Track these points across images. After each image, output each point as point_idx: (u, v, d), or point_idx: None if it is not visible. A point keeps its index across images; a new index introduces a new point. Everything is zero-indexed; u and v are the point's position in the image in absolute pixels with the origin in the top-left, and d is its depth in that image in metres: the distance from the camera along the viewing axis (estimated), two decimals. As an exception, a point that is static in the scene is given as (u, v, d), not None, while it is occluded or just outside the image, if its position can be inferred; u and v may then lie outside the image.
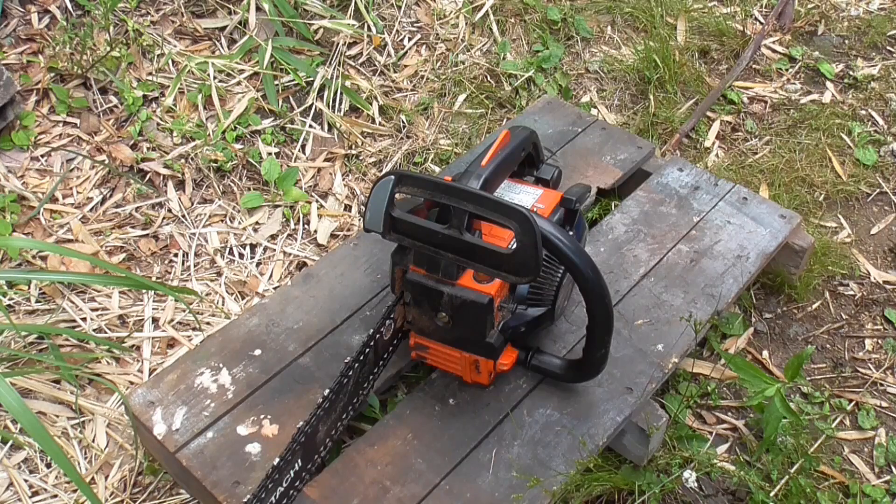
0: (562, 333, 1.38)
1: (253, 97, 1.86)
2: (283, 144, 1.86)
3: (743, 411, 1.55)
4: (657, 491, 1.34)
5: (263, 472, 1.13)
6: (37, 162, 1.73)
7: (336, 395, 1.13)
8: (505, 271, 1.09)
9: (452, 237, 1.11)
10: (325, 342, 1.35)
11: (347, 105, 1.93)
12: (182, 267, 1.65)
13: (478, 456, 1.22)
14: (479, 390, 1.29)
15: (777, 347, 1.65)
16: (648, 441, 1.33)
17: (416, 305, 1.20)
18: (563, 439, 1.25)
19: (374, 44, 2.02)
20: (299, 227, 1.75)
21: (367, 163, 1.87)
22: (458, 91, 2.00)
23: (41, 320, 1.50)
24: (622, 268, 1.51)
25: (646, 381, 1.33)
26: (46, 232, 1.65)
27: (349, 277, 1.45)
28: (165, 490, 1.35)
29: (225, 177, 1.79)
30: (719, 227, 1.59)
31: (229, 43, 1.95)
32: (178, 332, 1.54)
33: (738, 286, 1.50)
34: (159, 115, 1.81)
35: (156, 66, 1.87)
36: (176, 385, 1.28)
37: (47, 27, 1.86)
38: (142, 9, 1.93)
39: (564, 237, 1.11)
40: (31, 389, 1.42)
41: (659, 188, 1.67)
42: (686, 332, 1.39)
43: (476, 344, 1.20)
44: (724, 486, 1.43)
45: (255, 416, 1.24)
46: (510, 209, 1.06)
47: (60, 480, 1.34)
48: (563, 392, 1.30)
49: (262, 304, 1.41)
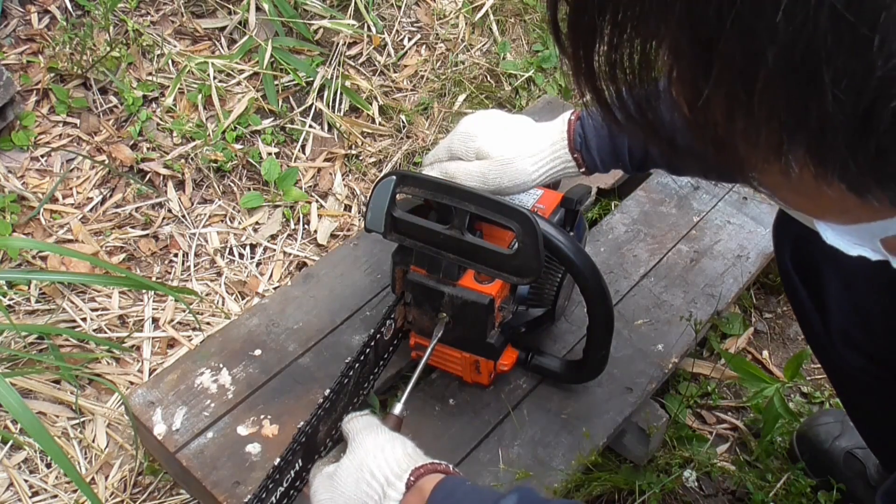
0: (562, 333, 1.39)
1: (253, 97, 1.86)
2: (283, 144, 1.86)
3: (743, 411, 1.55)
4: (657, 491, 1.34)
5: (264, 472, 1.13)
6: (37, 162, 1.73)
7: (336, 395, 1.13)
8: (506, 272, 1.09)
9: (454, 238, 1.11)
10: (325, 342, 1.35)
11: (347, 105, 1.93)
12: (182, 267, 1.65)
13: (478, 456, 1.22)
14: (479, 390, 1.29)
15: (777, 347, 1.65)
16: (648, 441, 1.34)
17: (416, 306, 1.20)
18: (563, 439, 1.25)
19: (374, 44, 2.03)
20: (299, 227, 1.75)
21: (367, 163, 1.87)
22: (458, 91, 2.01)
23: (41, 320, 1.50)
24: (622, 268, 1.51)
25: (646, 381, 1.33)
26: (46, 232, 1.65)
27: (349, 277, 1.45)
28: (165, 490, 1.35)
29: (225, 177, 1.79)
30: (719, 227, 1.59)
31: (229, 43, 1.95)
32: (178, 332, 1.54)
33: (738, 286, 1.50)
34: (159, 116, 1.81)
35: (156, 67, 1.87)
36: (176, 385, 1.28)
37: (47, 27, 1.86)
38: (142, 9, 1.93)
39: (565, 238, 1.11)
40: (31, 389, 1.42)
41: (659, 188, 1.67)
42: (686, 332, 1.40)
43: (477, 344, 1.21)
44: (724, 486, 1.43)
45: (256, 416, 1.24)
46: (511, 210, 1.06)
47: (60, 480, 1.34)
48: (564, 392, 1.30)
49: (262, 304, 1.41)
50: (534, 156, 1.14)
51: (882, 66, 0.36)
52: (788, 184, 0.46)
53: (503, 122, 1.18)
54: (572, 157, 1.14)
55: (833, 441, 1.41)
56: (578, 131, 1.12)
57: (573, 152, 1.13)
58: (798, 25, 0.36)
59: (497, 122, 1.18)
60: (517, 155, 1.14)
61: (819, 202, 0.49)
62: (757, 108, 0.40)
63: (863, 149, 0.39)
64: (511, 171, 1.14)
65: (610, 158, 1.13)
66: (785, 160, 0.42)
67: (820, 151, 0.41)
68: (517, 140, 1.15)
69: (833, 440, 1.41)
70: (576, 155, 1.13)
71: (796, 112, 0.39)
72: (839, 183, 0.42)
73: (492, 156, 1.15)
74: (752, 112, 0.40)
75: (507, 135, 1.16)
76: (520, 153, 1.14)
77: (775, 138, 0.41)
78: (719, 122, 0.42)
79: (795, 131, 0.40)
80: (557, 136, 1.14)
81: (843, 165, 0.41)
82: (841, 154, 0.40)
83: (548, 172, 1.15)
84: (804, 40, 0.36)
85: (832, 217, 0.52)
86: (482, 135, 1.16)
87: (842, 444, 1.40)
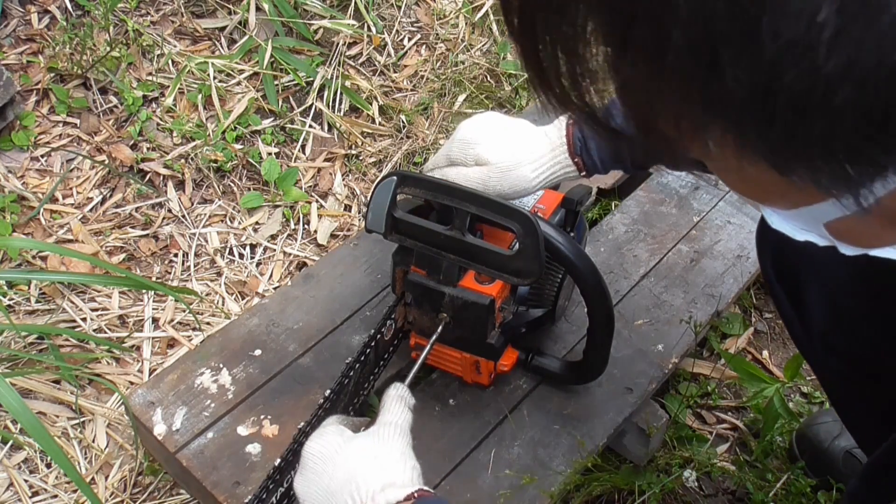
0: (562, 334, 1.39)
1: (253, 97, 1.86)
2: (283, 144, 1.86)
3: (743, 411, 1.55)
4: (657, 491, 1.34)
5: (264, 472, 1.13)
6: (37, 162, 1.73)
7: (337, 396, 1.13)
8: (507, 273, 1.09)
9: (454, 238, 1.11)
10: (325, 342, 1.35)
11: (347, 105, 1.93)
12: (182, 267, 1.65)
13: (478, 457, 1.22)
14: (479, 391, 1.29)
15: (777, 347, 1.65)
16: (648, 441, 1.34)
17: (417, 306, 1.20)
18: (563, 440, 1.25)
19: (374, 44, 2.03)
20: (299, 227, 1.75)
21: (367, 163, 1.87)
22: (458, 91, 2.00)
23: (41, 320, 1.50)
24: (622, 268, 1.51)
25: (646, 381, 1.33)
26: (46, 232, 1.65)
27: (349, 277, 1.45)
28: (165, 490, 1.35)
29: (225, 177, 1.79)
30: (719, 227, 1.59)
31: (229, 43, 1.95)
32: (178, 332, 1.54)
33: (738, 286, 1.50)
34: (159, 116, 1.81)
35: (156, 67, 1.87)
36: (176, 385, 1.28)
37: (47, 27, 1.86)
38: (142, 9, 1.93)
39: (564, 240, 1.11)
40: (31, 389, 1.42)
41: (659, 188, 1.67)
42: (686, 333, 1.40)
43: (477, 345, 1.21)
44: (724, 486, 1.44)
45: (256, 416, 1.24)
46: (512, 210, 1.06)
47: (60, 480, 1.34)
48: (564, 392, 1.30)
49: (262, 304, 1.41)
50: (534, 162, 1.13)
51: (771, 46, 0.37)
52: (722, 167, 0.47)
53: (502, 127, 1.17)
54: (573, 162, 1.13)
55: (832, 441, 1.41)
56: (577, 135, 1.12)
57: (573, 157, 1.13)
58: (697, 5, 0.38)
59: (496, 127, 1.17)
60: (517, 161, 1.14)
61: (758, 186, 0.50)
62: (669, 88, 0.41)
63: (770, 128, 0.40)
64: (511, 178, 1.14)
65: (610, 159, 1.13)
66: (703, 141, 0.43)
67: (733, 131, 0.42)
68: (517, 146, 1.15)
69: (833, 440, 1.41)
70: (576, 159, 1.13)
71: (704, 92, 0.40)
72: (761, 163, 0.43)
73: (491, 162, 1.14)
74: (665, 93, 0.41)
75: (507, 140, 1.15)
76: (520, 160, 1.14)
77: (691, 118, 0.42)
78: (642, 104, 0.44)
79: (706, 111, 0.41)
80: (557, 140, 1.13)
81: (756, 146, 0.42)
82: (751, 134, 0.41)
83: (548, 178, 1.15)
84: (702, 20, 0.38)
85: (774, 201, 0.53)
86: (481, 141, 1.16)
87: (841, 443, 1.40)
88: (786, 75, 0.37)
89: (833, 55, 0.36)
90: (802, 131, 0.39)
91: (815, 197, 0.48)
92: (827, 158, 0.41)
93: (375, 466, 0.88)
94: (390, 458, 0.89)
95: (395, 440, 0.92)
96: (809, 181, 0.42)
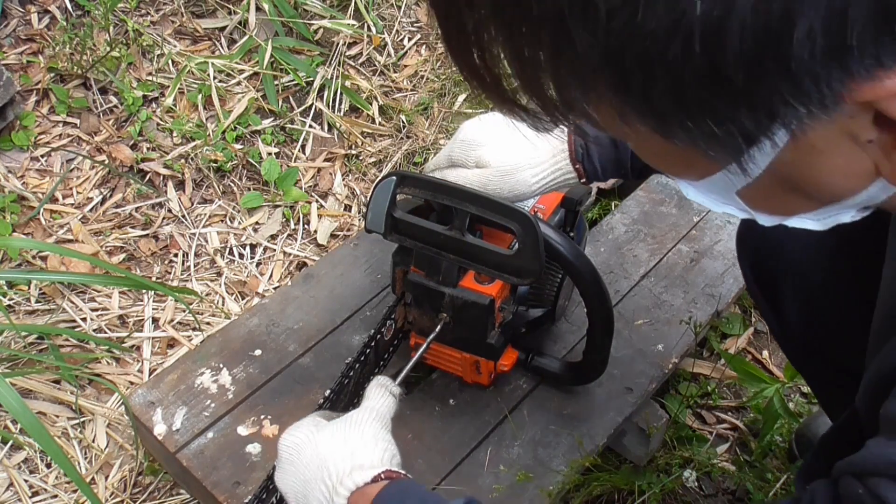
0: (562, 334, 1.39)
1: (253, 97, 1.86)
2: (283, 144, 1.86)
3: (743, 411, 1.55)
4: (657, 491, 1.34)
5: (264, 472, 1.13)
6: (37, 162, 1.73)
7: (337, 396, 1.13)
8: (507, 273, 1.09)
9: (454, 238, 1.11)
10: (325, 342, 1.35)
11: (347, 105, 1.93)
12: (182, 267, 1.65)
13: (478, 456, 1.22)
14: (479, 391, 1.29)
15: (777, 347, 1.65)
16: (648, 441, 1.34)
17: (416, 306, 1.20)
18: (563, 439, 1.25)
19: (374, 44, 2.03)
20: (299, 227, 1.75)
21: (367, 163, 1.87)
22: (458, 91, 2.00)
23: (41, 320, 1.51)
24: (622, 268, 1.51)
25: (646, 381, 1.33)
26: (46, 232, 1.65)
27: (349, 277, 1.45)
28: (165, 490, 1.35)
29: (225, 177, 1.79)
30: (719, 227, 1.59)
31: (229, 43, 1.96)
32: (178, 332, 1.54)
33: (738, 286, 1.50)
34: (159, 116, 1.81)
35: (156, 67, 1.87)
36: (176, 385, 1.28)
37: (47, 27, 1.86)
38: (142, 9, 1.93)
39: (563, 241, 1.11)
40: (31, 389, 1.42)
41: (659, 188, 1.67)
42: (686, 333, 1.40)
43: (477, 345, 1.21)
44: (724, 486, 1.44)
45: (256, 416, 1.24)
46: (512, 210, 1.06)
47: (60, 480, 1.34)
48: (563, 392, 1.30)
49: (262, 304, 1.41)
50: (535, 167, 1.13)
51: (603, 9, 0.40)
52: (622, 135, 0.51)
53: (504, 129, 1.17)
54: (573, 169, 1.13)
55: None
56: (579, 141, 1.11)
57: (574, 163, 1.12)
58: None
59: (498, 130, 1.17)
60: (518, 165, 1.13)
61: (659, 156, 0.54)
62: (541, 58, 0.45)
63: (628, 90, 0.44)
64: (511, 182, 1.13)
65: (611, 167, 1.12)
66: (580, 106, 0.47)
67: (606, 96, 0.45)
68: (518, 149, 1.14)
69: None
70: (577, 166, 1.12)
71: (567, 59, 0.44)
72: (643, 127, 0.46)
73: (492, 165, 1.14)
74: (542, 64, 0.45)
75: (508, 143, 1.15)
76: (520, 164, 1.13)
77: (572, 87, 0.46)
78: (531, 78, 0.47)
79: (573, 77, 0.45)
80: (559, 146, 1.13)
81: (625, 109, 0.46)
82: (614, 97, 0.45)
83: (548, 184, 1.14)
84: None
85: (681, 171, 0.56)
86: (483, 143, 1.16)
87: (841, 444, 1.40)
88: (618, 36, 0.41)
89: (650, 14, 0.40)
90: (654, 88, 0.43)
91: (711, 166, 0.51)
92: (690, 116, 0.44)
93: (346, 451, 0.88)
94: (360, 441, 0.89)
95: (367, 424, 0.91)
96: (689, 143, 0.46)
